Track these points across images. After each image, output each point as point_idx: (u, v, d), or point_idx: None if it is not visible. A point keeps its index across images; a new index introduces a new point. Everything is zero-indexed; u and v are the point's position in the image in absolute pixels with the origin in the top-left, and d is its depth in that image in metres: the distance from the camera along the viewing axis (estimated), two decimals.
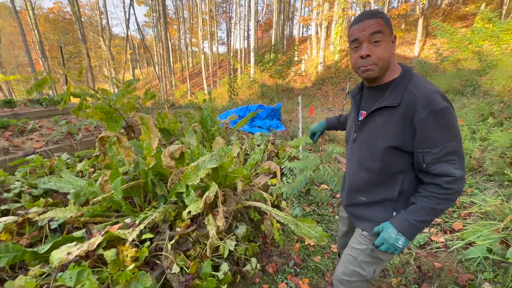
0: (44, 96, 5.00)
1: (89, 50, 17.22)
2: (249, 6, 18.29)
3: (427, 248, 2.02)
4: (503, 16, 11.47)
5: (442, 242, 2.04)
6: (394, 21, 18.35)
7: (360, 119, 1.04)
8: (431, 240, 2.08)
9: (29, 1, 14.91)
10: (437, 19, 12.31)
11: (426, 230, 2.20)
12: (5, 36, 21.72)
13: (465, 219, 2.25)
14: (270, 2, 29.52)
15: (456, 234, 2.07)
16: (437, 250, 1.98)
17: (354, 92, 1.12)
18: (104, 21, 18.93)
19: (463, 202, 2.49)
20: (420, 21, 12.54)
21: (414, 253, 1.96)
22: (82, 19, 16.87)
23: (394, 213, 0.99)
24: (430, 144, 0.83)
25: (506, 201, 2.12)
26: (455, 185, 0.85)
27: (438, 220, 2.33)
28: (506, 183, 2.53)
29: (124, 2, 20.49)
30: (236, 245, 1.69)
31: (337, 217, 2.61)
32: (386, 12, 19.50)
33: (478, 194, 2.46)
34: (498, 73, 4.97)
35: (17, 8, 14.96)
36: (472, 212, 2.28)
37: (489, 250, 1.68)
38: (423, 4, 12.29)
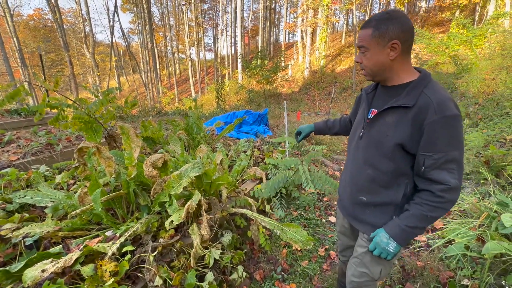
0: (23, 106, 4.83)
1: (72, 57, 16.81)
2: (235, 13, 18.48)
3: (410, 247, 2.07)
4: (475, 22, 12.12)
5: (424, 241, 2.10)
6: None
7: (369, 117, 1.05)
8: (414, 240, 2.14)
9: (7, 8, 14.46)
10: (415, 25, 12.86)
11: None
12: None
13: (445, 217, 2.32)
14: (256, 9, 29.96)
15: (437, 232, 2.13)
16: (420, 249, 2.03)
17: (368, 90, 1.13)
18: (87, 28, 18.58)
19: None
20: None
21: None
22: (65, 26, 16.51)
23: (394, 217, 1.00)
24: (434, 148, 0.84)
25: (482, 199, 2.21)
26: (448, 194, 0.86)
27: None
28: (481, 181, 2.64)
29: (108, 9, 20.25)
30: (221, 253, 1.67)
31: (324, 220, 2.63)
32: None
33: None
34: (473, 76, 5.23)
35: None
36: (451, 211, 2.36)
37: (467, 247, 1.74)
38: (402, 10, 12.81)
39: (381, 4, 22.79)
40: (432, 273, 1.74)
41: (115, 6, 16.44)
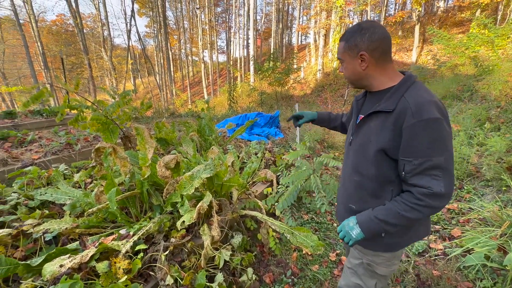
0: (44, 107, 5.06)
1: (91, 60, 17.48)
2: (248, 15, 18.62)
3: (426, 255, 1.99)
4: (498, 22, 11.61)
5: (441, 250, 2.02)
6: (391, 28, 18.60)
7: (357, 122, 1.06)
8: (430, 248, 2.06)
9: (32, 14, 15.24)
10: (433, 26, 12.49)
11: (426, 238, 2.18)
12: (8, 49, 22.09)
13: (464, 225, 2.23)
14: (268, 12, 30.06)
15: (455, 241, 2.05)
16: (436, 257, 1.96)
17: (359, 97, 1.15)
18: (106, 32, 19.27)
19: (461, 208, 2.47)
20: (417, 27, 12.71)
21: (412, 261, 1.94)
22: (84, 30, 17.19)
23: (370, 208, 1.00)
24: (412, 154, 0.82)
25: (504, 207, 2.11)
26: (429, 198, 0.82)
27: (437, 227, 2.31)
28: (503, 188, 2.52)
29: (125, 14, 20.93)
30: (231, 255, 1.68)
31: (335, 225, 2.59)
32: (382, 20, 19.78)
33: (476, 200, 2.44)
34: (495, 78, 5.00)
35: (21, 21, 15.27)
36: (470, 219, 2.26)
37: (487, 257, 1.66)
38: (419, 11, 12.48)
39: (397, 4, 22.29)
40: (449, 283, 1.67)
41: (132, 10, 16.96)
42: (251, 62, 16.72)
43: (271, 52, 18.70)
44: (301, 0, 23.51)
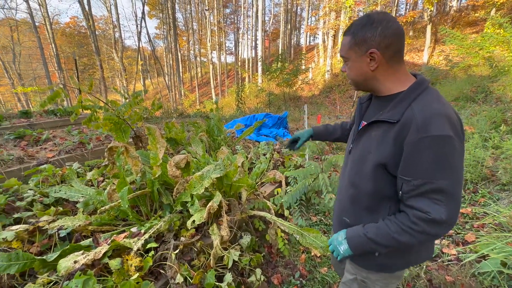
0: (58, 107, 5.20)
1: (102, 62, 17.87)
2: (257, 17, 18.66)
3: (438, 260, 1.95)
4: None
5: (454, 255, 1.97)
6: None
7: (359, 129, 0.96)
8: (442, 252, 2.01)
9: (47, 17, 15.70)
10: (445, 26, 12.21)
11: (437, 241, 2.13)
12: (24, 50, 22.83)
13: (478, 230, 2.17)
14: (277, 13, 30.07)
15: (469, 246, 1.99)
16: (449, 263, 1.91)
17: (363, 99, 1.04)
18: (117, 34, 19.67)
19: (476, 212, 2.41)
20: (428, 27, 12.46)
21: (424, 266, 1.89)
22: (96, 32, 17.60)
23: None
24: (411, 173, 0.72)
25: None
26: (426, 224, 0.72)
27: (450, 231, 2.25)
28: None
29: (136, 16, 21.29)
30: (240, 255, 1.69)
31: None
32: None
33: (492, 205, 2.37)
34: (511, 79, 4.85)
35: (36, 24, 15.76)
36: (485, 223, 2.20)
37: (504, 264, 1.61)
38: (431, 11, 12.23)
39: (408, 4, 21.91)
40: None
41: (143, 13, 17.27)
42: (259, 63, 16.75)
43: (279, 53, 18.68)
44: (310, 1, 23.43)
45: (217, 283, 1.42)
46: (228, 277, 1.49)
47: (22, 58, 22.10)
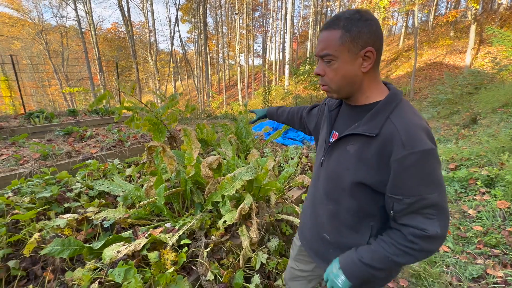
0: (100, 107, 5.64)
1: (138, 64, 19.07)
2: (285, 19, 18.66)
3: (482, 282, 1.79)
4: None
5: (501, 277, 1.80)
6: (441, 29, 17.13)
7: (330, 141, 0.89)
8: (487, 274, 1.85)
9: (92, 23, 17.14)
10: (493, 25, 11.21)
11: (481, 261, 1.96)
12: (71, 54, 25.13)
13: None
14: (306, 15, 29.81)
15: None
16: (494, 285, 1.75)
17: (332, 107, 0.94)
18: (152, 39, 20.89)
19: None
20: (472, 27, 11.51)
21: (465, 286, 1.76)
22: (134, 37, 18.84)
23: (353, 248, 0.85)
24: (403, 191, 0.68)
25: None
26: (424, 242, 0.69)
27: (496, 251, 2.06)
28: None
29: (170, 21, 22.47)
30: (267, 258, 1.70)
31: None
32: (432, 20, 18.27)
33: None
34: None
35: (82, 30, 17.28)
36: None
37: None
38: (476, 9, 11.30)
39: (449, 3, 20.46)
40: None
41: (176, 18, 18.18)
42: (287, 66, 16.70)
43: (308, 55, 18.47)
44: (341, 2, 22.89)
45: (245, 284, 1.44)
46: (256, 278, 1.51)
47: (69, 61, 24.33)
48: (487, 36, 11.94)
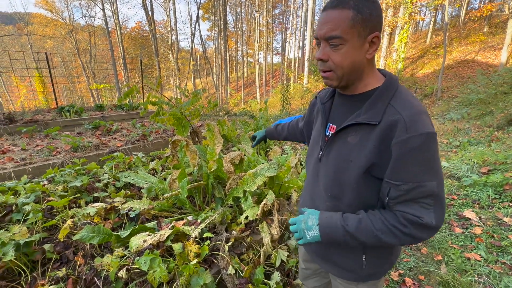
0: (125, 102, 5.87)
1: (160, 62, 19.63)
2: (306, 16, 18.35)
3: None
4: None
5: None
6: (475, 24, 16.08)
7: (327, 134, 0.85)
8: None
9: (118, 22, 17.84)
10: None
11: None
12: (98, 52, 26.35)
13: None
14: None
15: None
16: None
17: (324, 98, 0.90)
18: (173, 37, 21.40)
19: None
20: (510, 22, 10.67)
21: None
22: (156, 35, 19.38)
23: (364, 256, 0.83)
24: (402, 177, 0.65)
25: None
26: (416, 229, 0.66)
27: None
28: None
29: (191, 19, 22.91)
30: (288, 256, 1.68)
31: None
32: (463, 15, 17.19)
33: None
34: None
35: (109, 29, 18.04)
36: None
37: None
38: None
39: None
40: None
41: (197, 16, 18.44)
42: (306, 63, 16.45)
43: None
44: None
45: (265, 280, 1.44)
46: (276, 276, 1.49)
47: (96, 59, 25.53)
48: None
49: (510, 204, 2.57)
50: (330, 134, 0.82)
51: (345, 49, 0.67)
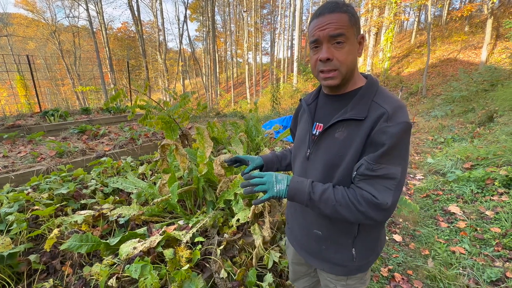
0: (112, 105, 5.74)
1: (147, 63, 19.30)
2: (294, 16, 18.49)
3: (501, 285, 1.74)
4: None
5: None
6: (456, 24, 16.62)
7: (314, 133, 0.88)
8: (506, 277, 1.79)
9: (103, 23, 17.42)
10: (511, 19, 10.78)
11: (499, 264, 1.90)
12: (83, 53, 25.64)
13: None
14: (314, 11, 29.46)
15: None
16: None
17: (308, 100, 0.95)
18: (161, 37, 21.07)
19: None
20: (489, 22, 11.11)
21: None
22: (143, 36, 19.04)
23: (354, 250, 0.87)
24: (375, 157, 0.70)
25: None
26: (370, 208, 0.71)
27: None
28: None
29: (178, 20, 22.58)
30: (280, 257, 1.70)
31: (387, 238, 2.42)
32: (446, 15, 17.75)
33: None
34: None
35: (94, 29, 17.59)
36: None
37: None
38: (493, 3, 10.89)
39: None
40: None
41: (185, 16, 18.23)
42: (295, 63, 16.56)
43: None
44: None
45: (258, 282, 1.45)
46: (269, 277, 1.51)
47: (81, 61, 24.85)
48: (504, 30, 11.50)
49: (492, 198, 2.68)
50: (317, 133, 0.86)
51: (348, 47, 0.74)
